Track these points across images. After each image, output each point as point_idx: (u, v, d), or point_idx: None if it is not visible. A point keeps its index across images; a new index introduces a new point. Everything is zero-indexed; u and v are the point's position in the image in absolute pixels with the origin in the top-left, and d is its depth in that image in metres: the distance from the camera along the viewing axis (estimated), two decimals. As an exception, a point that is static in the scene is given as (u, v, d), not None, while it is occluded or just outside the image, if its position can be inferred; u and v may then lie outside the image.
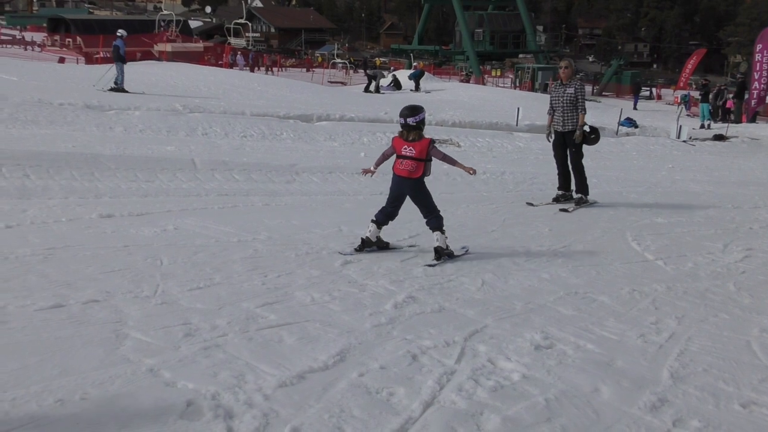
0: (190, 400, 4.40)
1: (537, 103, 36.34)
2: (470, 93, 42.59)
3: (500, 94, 43.63)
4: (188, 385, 4.56)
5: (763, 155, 23.69)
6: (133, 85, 26.60)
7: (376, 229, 8.44)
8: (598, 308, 6.76)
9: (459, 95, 40.67)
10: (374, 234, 8.45)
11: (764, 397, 5.01)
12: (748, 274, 8.33)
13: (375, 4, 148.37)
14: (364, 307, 6.32)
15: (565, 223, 10.72)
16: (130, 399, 4.36)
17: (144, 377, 4.65)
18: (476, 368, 5.15)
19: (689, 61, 61.99)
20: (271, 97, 28.13)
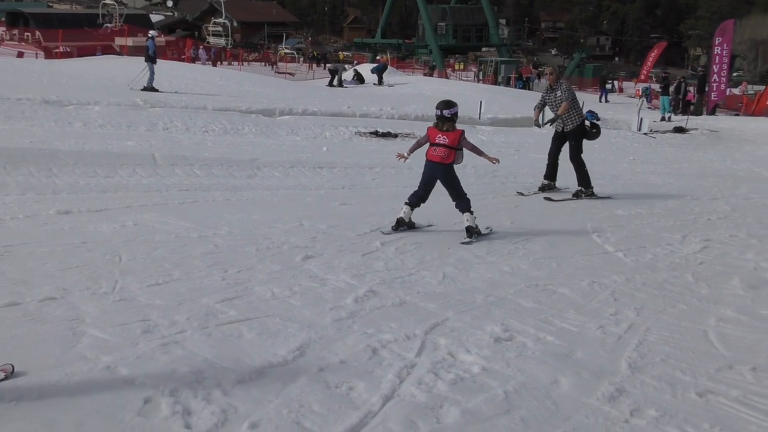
0: (148, 397, 4.37)
1: (500, 96, 36.56)
2: (433, 86, 42.64)
3: (463, 88, 43.72)
4: (146, 382, 4.54)
5: (722, 147, 23.97)
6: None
7: (409, 210, 9.33)
8: (559, 300, 6.81)
9: (422, 89, 40.71)
10: (407, 215, 9.34)
11: (720, 386, 5.08)
12: (706, 265, 8.42)
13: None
14: (325, 302, 6.32)
15: (527, 216, 10.77)
16: (86, 397, 4.32)
17: (101, 375, 4.62)
18: (436, 361, 5.17)
19: (650, 54, 62.70)
20: (233, 91, 28.00)
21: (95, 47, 52.34)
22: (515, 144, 20.49)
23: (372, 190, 12.67)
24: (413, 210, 9.37)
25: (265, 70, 55.69)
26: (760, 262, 8.61)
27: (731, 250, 9.20)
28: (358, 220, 9.80)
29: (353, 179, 13.48)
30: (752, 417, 4.65)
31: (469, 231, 9.04)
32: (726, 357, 5.61)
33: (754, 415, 4.67)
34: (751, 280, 7.79)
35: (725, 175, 17.52)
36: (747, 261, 8.66)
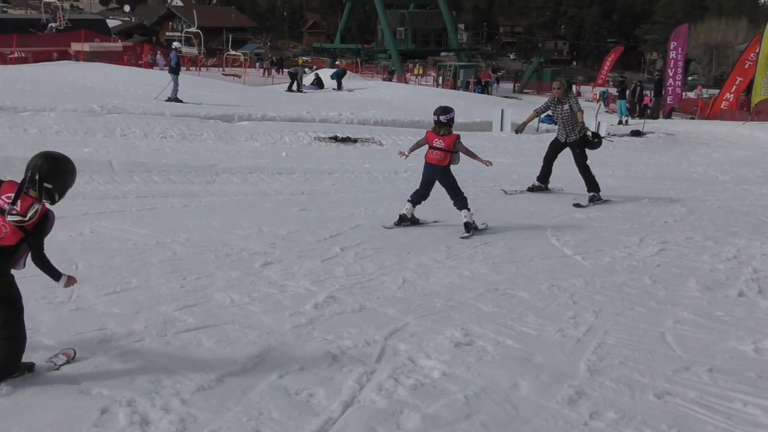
0: (105, 407, 4.33)
1: (459, 100, 36.61)
2: (393, 91, 42.73)
3: (423, 92, 43.84)
4: (103, 392, 4.49)
5: (678, 150, 24.22)
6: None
7: (411, 207, 10.11)
8: (518, 304, 6.84)
9: (381, 94, 40.76)
10: (410, 211, 10.13)
11: (678, 387, 5.13)
12: (663, 267, 8.50)
13: (297, 2, 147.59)
14: (285, 308, 6.30)
15: (486, 220, 10.79)
16: (42, 408, 4.27)
17: (57, 385, 4.56)
18: (396, 367, 5.17)
19: (607, 59, 63.20)
20: (191, 97, 27.77)
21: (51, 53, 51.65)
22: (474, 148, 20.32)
23: (332, 195, 12.65)
24: (415, 207, 10.12)
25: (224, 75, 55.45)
26: (715, 263, 8.71)
27: (688, 252, 9.30)
28: (318, 225, 9.78)
29: (313, 184, 13.45)
30: (709, 418, 4.71)
31: (467, 226, 9.75)
32: (683, 358, 5.67)
33: (711, 416, 4.73)
34: (707, 282, 7.89)
35: (681, 178, 17.70)
36: (703, 263, 8.76)
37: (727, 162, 21.57)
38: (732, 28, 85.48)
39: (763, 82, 30.13)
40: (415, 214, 10.20)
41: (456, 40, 78.98)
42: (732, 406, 4.89)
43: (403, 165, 16.05)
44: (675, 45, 37.73)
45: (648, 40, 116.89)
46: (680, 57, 37.60)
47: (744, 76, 34.53)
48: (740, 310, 6.99)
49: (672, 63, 37.71)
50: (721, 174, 18.82)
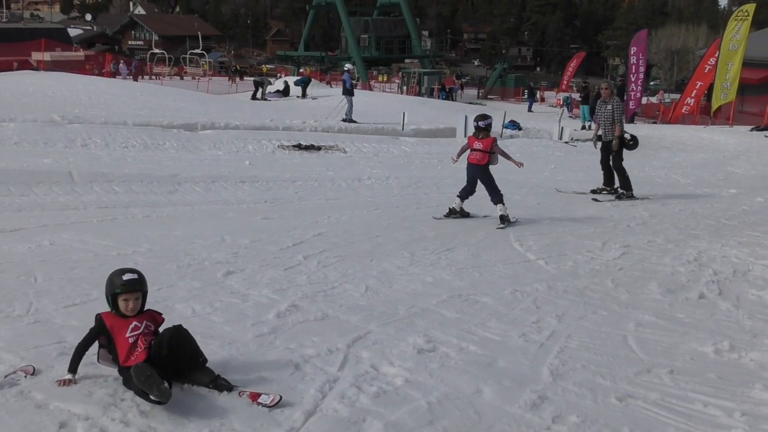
0: (63, 421, 4.27)
1: (423, 107, 36.73)
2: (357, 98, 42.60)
3: (387, 99, 43.89)
4: (61, 406, 4.42)
5: (639, 155, 24.31)
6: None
7: (459, 202, 11.52)
8: (481, 310, 6.85)
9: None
10: (458, 205, 11.54)
11: (639, 389, 5.16)
12: (625, 271, 8.57)
13: (261, 10, 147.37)
14: (247, 318, 6.26)
15: (450, 227, 10.84)
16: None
17: (14, 400, 4.48)
18: (359, 375, 5.15)
19: (570, 65, 63.80)
20: (154, 106, 27.57)
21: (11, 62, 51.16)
22: (438, 154, 20.56)
23: (295, 203, 12.63)
24: (463, 201, 11.50)
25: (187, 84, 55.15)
26: (676, 266, 8.79)
27: (649, 255, 9.38)
28: (281, 234, 9.75)
29: (276, 193, 13.42)
30: (670, 420, 4.73)
31: (502, 219, 10.99)
32: (645, 361, 5.71)
33: (672, 418, 4.75)
34: (669, 285, 7.95)
35: (643, 182, 17.84)
36: (664, 266, 8.84)
37: (688, 165, 21.82)
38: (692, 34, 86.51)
39: (722, 86, 30.53)
40: (464, 207, 11.58)
41: (420, 47, 79.26)
42: (692, 407, 4.92)
43: (366, 172, 16.11)
44: (635, 50, 38.07)
45: (610, 46, 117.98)
46: (641, 62, 37.95)
47: (704, 80, 34.95)
48: (701, 312, 7.06)
49: (633, 68, 38.05)
50: (682, 177, 19.03)
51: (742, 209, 13.74)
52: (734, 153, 25.03)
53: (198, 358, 4.78)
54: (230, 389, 4.71)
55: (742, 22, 29.86)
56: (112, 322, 4.80)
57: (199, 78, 54.05)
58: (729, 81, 30.29)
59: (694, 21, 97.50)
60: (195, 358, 4.77)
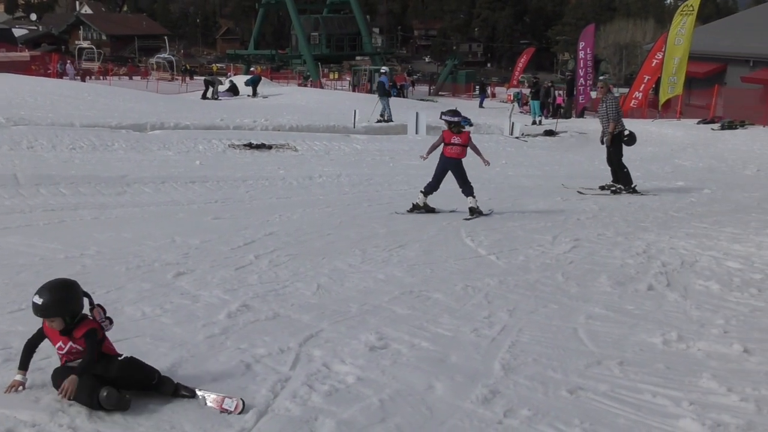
0: (9, 428, 4.19)
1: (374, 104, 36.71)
2: (308, 97, 42.62)
3: (338, 97, 43.85)
4: (6, 413, 4.35)
5: (590, 149, 24.63)
6: None
7: (423, 197, 11.87)
8: (433, 306, 6.87)
9: (296, 99, 40.61)
10: (422, 201, 11.88)
11: (590, 381, 5.20)
12: (576, 264, 8.65)
13: (210, 9, 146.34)
14: (197, 319, 6.21)
15: (401, 223, 10.87)
16: (-60, 432, 4.12)
17: (-43, 407, 4.41)
18: (311, 373, 5.13)
19: (520, 60, 63.98)
20: (102, 106, 27.29)
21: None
22: (390, 152, 20.62)
23: (246, 203, 12.57)
24: (426, 197, 11.85)
25: (136, 84, 54.62)
26: (626, 258, 8.89)
27: (599, 248, 9.48)
28: (232, 233, 9.70)
29: (226, 192, 13.35)
30: (620, 410, 4.78)
31: (472, 211, 11.52)
32: (595, 353, 5.76)
33: (622, 409, 4.80)
34: (618, 277, 8.04)
35: (593, 176, 18.02)
36: (614, 258, 8.93)
37: (637, 159, 22.00)
38: (640, 28, 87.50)
39: (669, 80, 30.90)
40: (428, 203, 11.94)
41: (371, 44, 79.32)
42: (642, 397, 4.98)
43: (317, 171, 16.09)
44: (583, 45, 38.47)
45: (559, 41, 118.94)
46: (589, 57, 38.35)
47: (652, 74, 35.31)
48: (649, 304, 7.14)
49: (582, 63, 38.43)
50: (631, 171, 19.20)
51: (690, 201, 13.95)
52: (682, 146, 25.39)
53: (151, 382, 4.68)
54: (193, 395, 4.66)
55: (687, 16, 30.24)
56: (48, 331, 4.72)
57: (168, 81, 53.34)
58: (675, 75, 30.67)
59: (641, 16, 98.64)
60: (147, 383, 4.68)
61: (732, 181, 17.61)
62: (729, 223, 11.20)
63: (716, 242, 9.79)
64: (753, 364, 5.59)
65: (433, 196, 11.99)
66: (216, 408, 4.53)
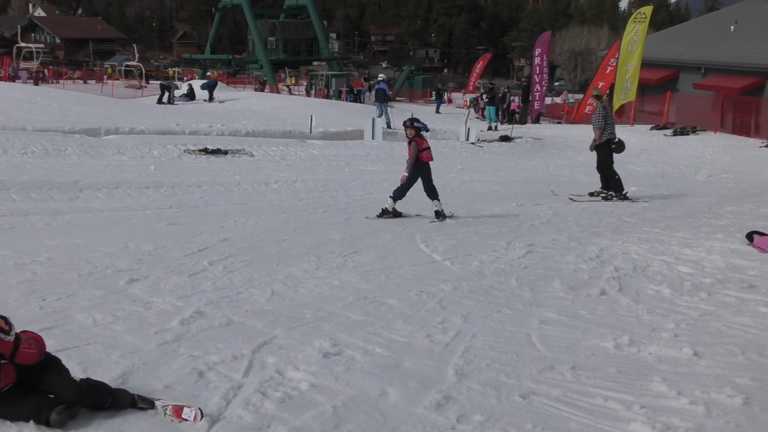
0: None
1: (331, 110, 36.69)
2: (265, 102, 42.43)
3: (295, 102, 43.71)
4: (-51, 424, 4.28)
5: (545, 154, 24.87)
6: None
7: (392, 202, 11.97)
8: (387, 312, 6.87)
9: (253, 104, 40.41)
10: (391, 206, 11.99)
11: (542, 386, 5.24)
12: (530, 269, 8.71)
13: (166, 13, 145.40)
14: (150, 326, 6.15)
15: (357, 229, 10.86)
16: None
17: None
18: (264, 380, 5.11)
19: (476, 66, 64.30)
20: (55, 111, 26.91)
21: None
22: (346, 157, 20.59)
23: (200, 208, 12.49)
24: (396, 202, 11.98)
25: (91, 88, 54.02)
26: (579, 263, 8.97)
27: (553, 253, 9.55)
28: (186, 239, 9.64)
29: (181, 198, 13.26)
30: (572, 415, 4.82)
31: (438, 214, 11.84)
32: (548, 358, 5.80)
33: (574, 413, 4.84)
34: (571, 282, 8.11)
35: (548, 181, 18.20)
36: (567, 263, 9.01)
37: (591, 164, 22.06)
38: (594, 35, 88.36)
39: (622, 86, 31.19)
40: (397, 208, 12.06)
41: (327, 50, 79.19)
42: (594, 401, 5.02)
43: (273, 176, 16.04)
44: (539, 51, 38.78)
45: (515, 47, 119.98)
46: (545, 63, 38.67)
47: (606, 81, 35.68)
48: (602, 308, 7.21)
49: (537, 69, 38.73)
50: (585, 176, 19.37)
51: (643, 206, 14.11)
52: (635, 151, 25.58)
53: (103, 405, 4.55)
54: (152, 406, 4.60)
55: (640, 24, 30.56)
56: None
57: (136, 89, 52.71)
58: (629, 81, 30.96)
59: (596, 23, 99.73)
60: (99, 406, 4.59)
61: (684, 186, 17.85)
62: (680, 228, 11.35)
63: (668, 247, 9.91)
64: (702, 368, 5.66)
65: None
66: (175, 418, 4.49)
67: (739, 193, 16.83)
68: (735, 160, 23.26)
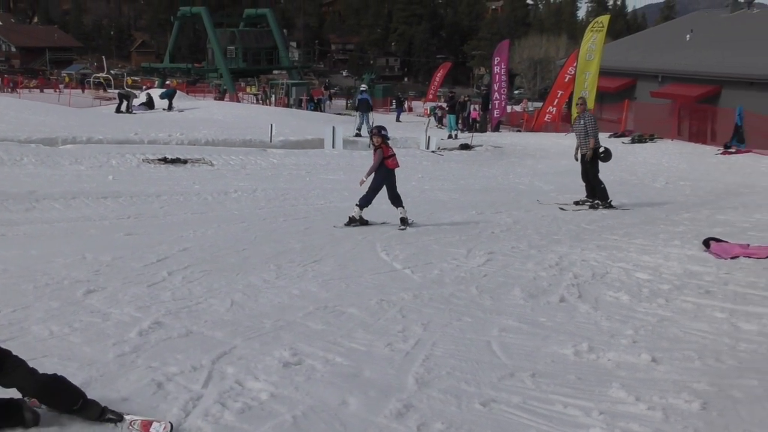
0: None
1: (291, 118, 36.64)
2: (225, 110, 42.23)
3: (255, 111, 43.61)
4: None
5: (505, 162, 25.00)
6: None
7: (359, 210, 12.03)
8: (347, 320, 6.86)
9: (213, 113, 40.19)
10: (358, 214, 12.05)
11: (503, 394, 5.26)
12: (490, 277, 8.74)
13: (124, 21, 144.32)
14: (107, 337, 6.09)
15: (317, 238, 10.84)
16: None
17: None
18: (223, 391, 5.08)
19: (437, 74, 64.53)
20: (11, 120, 26.59)
21: None
22: (306, 166, 20.54)
23: (160, 218, 12.40)
24: (362, 210, 12.04)
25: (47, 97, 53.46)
26: (539, 271, 9.03)
27: (513, 261, 9.60)
28: (145, 249, 9.56)
29: (140, 208, 13.14)
30: (532, 422, 4.85)
31: (403, 221, 12.02)
32: (508, 365, 5.83)
33: (534, 420, 4.87)
34: (531, 290, 8.15)
35: (508, 189, 18.31)
36: (527, 271, 9.06)
37: (551, 172, 22.42)
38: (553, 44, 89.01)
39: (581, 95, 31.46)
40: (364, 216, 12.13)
41: (287, 58, 79.01)
42: (553, 408, 5.05)
43: (233, 185, 15.97)
44: (498, 60, 38.99)
45: (475, 56, 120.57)
46: (503, 72, 38.88)
47: (565, 89, 36.00)
48: (561, 315, 7.26)
49: (497, 78, 38.94)
50: (545, 184, 19.55)
51: (601, 214, 14.24)
52: (594, 159, 25.89)
53: (72, 407, 4.54)
54: (120, 419, 4.55)
55: (598, 33, 30.83)
56: None
57: (107, 100, 52.19)
58: (587, 90, 31.19)
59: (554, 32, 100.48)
60: (68, 408, 4.54)
61: (642, 193, 18.03)
62: (639, 235, 11.46)
63: (626, 254, 10.01)
64: (660, 373, 5.72)
65: None
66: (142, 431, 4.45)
67: (695, 200, 17.05)
68: (692, 168, 23.56)
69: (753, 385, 5.43)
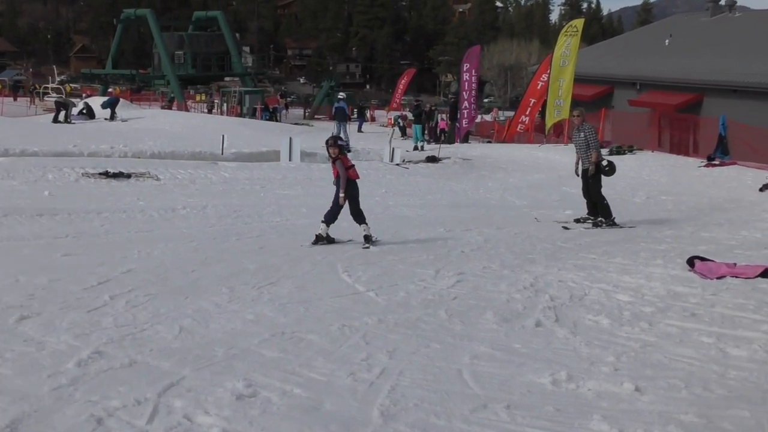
0: None
1: (245, 128, 36.59)
2: (172, 120, 42.09)
3: (205, 121, 43.51)
4: None
5: (474, 176, 25.09)
6: None
7: (326, 227, 11.99)
8: (306, 348, 6.79)
9: (160, 123, 40.05)
10: (325, 231, 12.01)
11: (475, 427, 5.21)
12: (460, 300, 8.71)
13: (63, 24, 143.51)
14: (42, 369, 5.96)
15: (273, 258, 10.77)
16: None
17: None
18: (170, 427, 4.99)
19: (401, 81, 64.78)
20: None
21: None
22: (261, 180, 20.49)
23: (101, 237, 12.27)
24: (329, 227, 12.01)
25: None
26: (512, 293, 9.01)
27: (485, 282, 9.58)
28: (85, 271, 9.44)
29: (79, 226, 13.00)
30: (507, 458, 4.81)
31: (367, 239, 12.01)
32: (480, 396, 5.78)
33: (509, 456, 4.83)
34: (504, 313, 8.13)
35: (478, 205, 18.37)
36: (500, 293, 9.04)
37: (524, 186, 22.56)
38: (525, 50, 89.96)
39: (555, 103, 31.73)
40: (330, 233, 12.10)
41: (240, 64, 79.09)
42: (530, 443, 5.02)
43: (181, 201, 15.85)
44: (468, 67, 39.14)
45: (442, 62, 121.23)
46: (473, 79, 39.04)
47: (538, 97, 36.24)
48: (537, 341, 7.23)
49: (466, 85, 39.08)
50: (518, 199, 19.64)
51: (579, 231, 14.29)
52: (570, 172, 25.79)
53: None
54: None
55: (572, 37, 31.15)
56: None
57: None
58: (562, 98, 31.49)
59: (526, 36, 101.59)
60: None
61: (621, 208, 18.11)
62: (618, 254, 11.51)
63: (605, 274, 10.04)
64: (645, 404, 5.70)
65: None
66: None
67: (678, 215, 17.20)
68: (674, 181, 23.79)
69: (744, 416, 5.43)
